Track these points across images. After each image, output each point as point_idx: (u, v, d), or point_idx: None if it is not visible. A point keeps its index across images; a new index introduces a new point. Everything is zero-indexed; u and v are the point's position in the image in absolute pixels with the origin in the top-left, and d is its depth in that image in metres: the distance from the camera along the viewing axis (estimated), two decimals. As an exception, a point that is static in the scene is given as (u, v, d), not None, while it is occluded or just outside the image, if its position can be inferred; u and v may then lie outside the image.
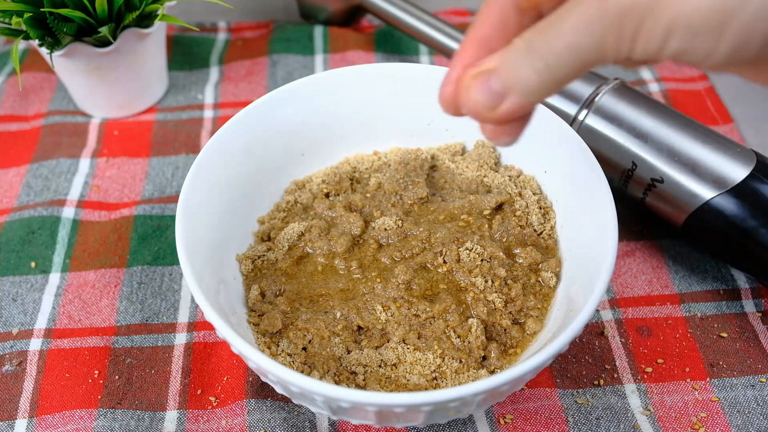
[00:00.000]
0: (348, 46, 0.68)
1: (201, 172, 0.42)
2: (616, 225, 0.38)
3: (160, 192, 0.56)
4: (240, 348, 0.34)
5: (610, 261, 0.36)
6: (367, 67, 0.48)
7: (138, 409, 0.43)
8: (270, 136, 0.47)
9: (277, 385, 0.37)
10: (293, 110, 0.48)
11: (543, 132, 0.45)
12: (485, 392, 0.33)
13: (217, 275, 0.42)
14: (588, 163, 0.42)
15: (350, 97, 0.49)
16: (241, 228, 0.47)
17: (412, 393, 0.32)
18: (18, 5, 0.51)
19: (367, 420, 0.36)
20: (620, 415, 0.42)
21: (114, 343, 0.46)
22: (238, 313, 0.42)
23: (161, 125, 0.61)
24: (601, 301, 0.46)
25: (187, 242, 0.39)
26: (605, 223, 0.39)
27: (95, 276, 0.50)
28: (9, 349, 0.46)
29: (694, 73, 0.65)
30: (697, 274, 0.49)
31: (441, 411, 0.35)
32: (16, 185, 0.57)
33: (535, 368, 0.34)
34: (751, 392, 0.43)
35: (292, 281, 0.44)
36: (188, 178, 0.41)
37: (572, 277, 0.42)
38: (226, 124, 0.45)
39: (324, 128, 0.49)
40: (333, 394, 0.33)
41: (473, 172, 0.48)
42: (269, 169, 0.48)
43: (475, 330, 0.40)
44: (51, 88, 0.65)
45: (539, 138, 0.46)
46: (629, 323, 0.47)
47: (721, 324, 0.47)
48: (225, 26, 0.71)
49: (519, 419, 0.42)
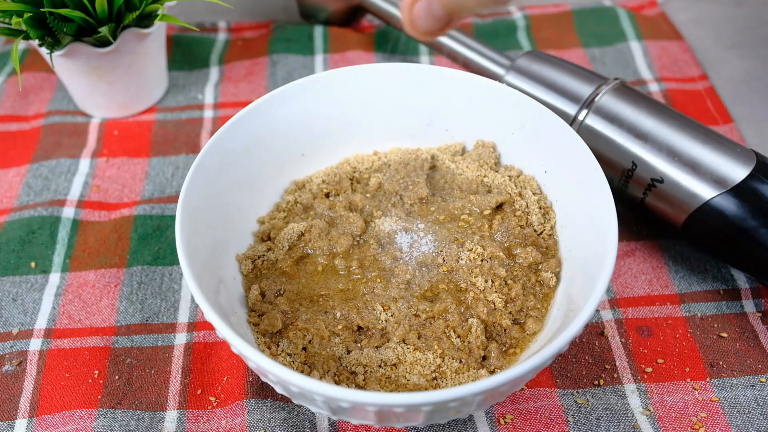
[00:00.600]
0: (348, 47, 0.68)
1: (201, 172, 0.42)
2: (616, 225, 0.38)
3: (160, 192, 0.56)
4: (240, 348, 0.34)
5: (611, 261, 0.36)
6: (367, 67, 0.48)
7: (138, 409, 0.43)
8: (270, 136, 0.47)
9: (277, 385, 0.37)
10: (293, 110, 0.48)
11: (543, 132, 0.45)
12: (485, 392, 0.33)
13: (216, 275, 0.42)
14: (588, 164, 0.42)
15: (350, 97, 0.49)
16: (241, 228, 0.47)
17: (412, 393, 0.32)
18: (18, 5, 0.51)
19: (367, 420, 0.36)
20: (620, 415, 0.42)
21: (114, 343, 0.46)
22: (238, 313, 0.42)
23: (161, 125, 0.61)
24: (601, 301, 0.46)
25: (187, 243, 0.39)
26: (605, 223, 0.39)
27: (95, 276, 0.50)
28: (9, 349, 0.46)
29: (694, 73, 0.65)
30: (697, 274, 0.49)
31: (441, 411, 0.35)
32: (16, 185, 0.57)
33: (535, 368, 0.34)
34: (751, 392, 0.43)
35: (292, 281, 0.44)
36: (188, 178, 0.41)
37: (572, 277, 0.42)
38: (226, 124, 0.45)
39: (324, 128, 0.49)
40: (333, 394, 0.33)
41: (473, 172, 0.48)
42: (269, 169, 0.48)
43: (475, 330, 0.40)
44: (51, 88, 0.65)
45: (539, 138, 0.46)
46: (629, 323, 0.47)
47: (721, 324, 0.47)
48: (225, 26, 0.71)
49: (519, 419, 0.42)
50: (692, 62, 0.66)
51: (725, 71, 0.66)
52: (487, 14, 0.73)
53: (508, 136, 0.48)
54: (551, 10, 0.73)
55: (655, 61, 0.66)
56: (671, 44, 0.68)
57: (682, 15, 0.72)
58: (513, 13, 0.72)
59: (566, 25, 0.71)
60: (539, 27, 0.71)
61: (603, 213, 0.39)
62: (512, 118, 0.47)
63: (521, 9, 0.73)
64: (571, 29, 0.70)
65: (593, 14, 0.72)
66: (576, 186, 0.43)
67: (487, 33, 0.70)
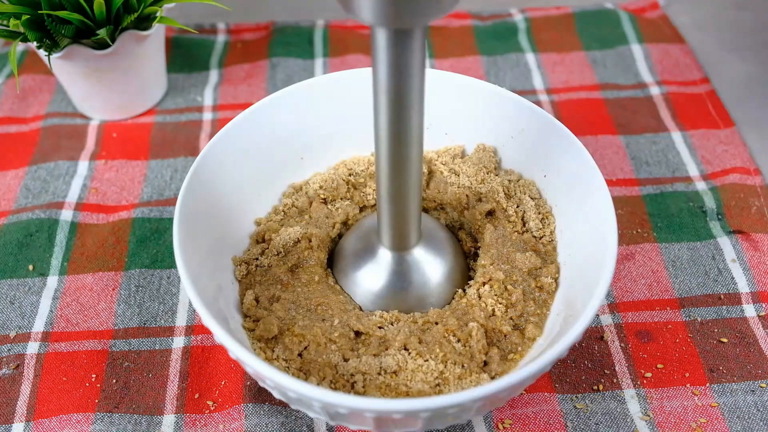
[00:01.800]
0: (348, 50, 0.68)
1: (199, 175, 0.42)
2: (615, 230, 0.38)
3: (158, 195, 0.56)
4: (238, 354, 0.34)
5: (610, 267, 0.36)
6: (366, 71, 0.48)
7: (135, 413, 0.43)
8: (269, 140, 0.47)
9: (274, 391, 0.37)
10: (292, 114, 0.47)
11: (543, 137, 0.45)
12: (484, 399, 0.33)
13: (214, 280, 0.42)
14: (587, 168, 0.41)
15: (349, 100, 0.48)
16: (239, 232, 0.46)
17: (410, 399, 0.32)
18: (16, 7, 0.51)
19: (366, 426, 0.36)
20: (619, 421, 0.42)
21: (111, 347, 0.46)
22: (235, 318, 0.42)
23: (160, 127, 0.61)
24: (600, 306, 0.46)
25: (184, 247, 0.38)
26: (605, 228, 0.38)
27: (93, 279, 0.50)
28: (6, 353, 0.46)
29: (695, 76, 0.64)
30: (696, 279, 0.49)
31: (440, 417, 0.35)
32: (15, 188, 0.56)
33: (535, 374, 0.33)
34: (751, 398, 0.43)
35: (287, 289, 0.44)
36: (186, 181, 0.41)
37: (572, 283, 0.42)
38: (226, 127, 0.44)
39: (323, 132, 0.49)
40: (331, 400, 0.32)
41: (471, 177, 0.48)
42: (268, 172, 0.48)
43: (475, 334, 0.40)
44: (50, 90, 0.65)
45: (539, 142, 0.46)
46: (629, 328, 0.47)
47: (721, 329, 0.46)
48: (224, 28, 0.71)
49: (517, 424, 0.42)
50: (694, 65, 0.66)
51: (727, 74, 0.65)
52: (488, 16, 0.72)
53: (507, 141, 0.48)
54: (552, 12, 0.73)
55: (657, 64, 0.66)
56: (673, 47, 0.68)
57: (684, 18, 0.72)
58: (514, 15, 0.72)
59: (567, 28, 0.71)
60: (540, 29, 0.71)
61: (602, 218, 0.39)
62: (512, 122, 0.47)
63: (522, 11, 0.73)
64: (572, 32, 0.70)
65: (594, 16, 0.72)
66: (575, 190, 0.43)
67: (488, 35, 0.70)
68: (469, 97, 0.48)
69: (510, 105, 0.46)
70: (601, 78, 0.65)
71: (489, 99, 0.47)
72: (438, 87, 0.48)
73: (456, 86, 0.48)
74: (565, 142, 0.43)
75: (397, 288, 0.43)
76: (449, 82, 0.48)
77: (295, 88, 0.47)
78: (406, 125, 0.34)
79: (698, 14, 0.72)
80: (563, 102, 0.63)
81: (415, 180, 0.37)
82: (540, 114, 0.45)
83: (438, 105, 0.48)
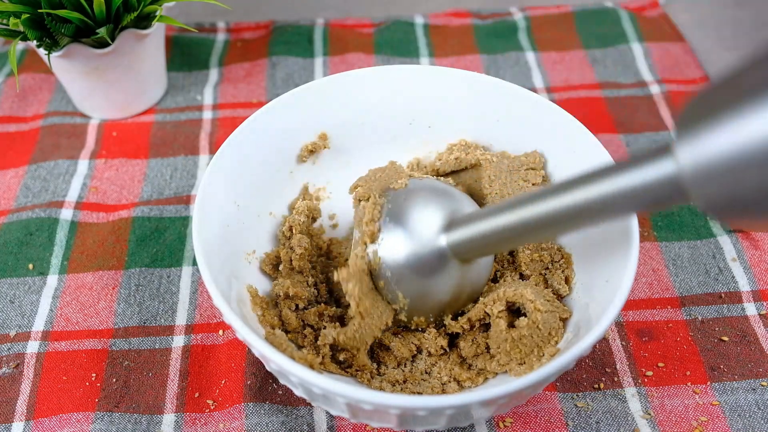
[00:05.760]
0: (348, 49, 0.68)
1: (219, 170, 0.42)
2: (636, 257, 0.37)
3: (158, 194, 0.56)
4: (262, 350, 0.34)
5: (627, 286, 0.36)
6: (412, 68, 0.48)
7: (135, 412, 0.43)
8: (288, 135, 0.47)
9: (297, 387, 0.37)
10: (308, 112, 0.47)
11: (533, 115, 0.45)
12: (507, 396, 0.33)
13: (232, 277, 0.41)
14: (587, 140, 0.42)
15: (346, 103, 0.48)
16: (257, 228, 0.46)
17: (435, 396, 0.32)
18: (16, 6, 0.51)
19: (388, 423, 0.36)
20: (620, 419, 0.42)
21: (111, 346, 0.46)
22: (250, 315, 0.42)
23: (160, 126, 0.61)
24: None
25: (204, 244, 0.38)
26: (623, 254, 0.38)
27: (93, 278, 0.50)
28: (6, 352, 0.46)
29: (695, 74, 0.64)
30: (697, 277, 0.49)
31: (463, 414, 0.35)
32: (15, 186, 0.56)
33: (554, 373, 0.33)
34: (752, 396, 0.43)
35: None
36: (206, 176, 0.41)
37: (587, 289, 0.41)
38: (246, 122, 0.44)
39: (344, 130, 0.49)
40: (358, 396, 0.32)
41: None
42: (285, 169, 0.47)
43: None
44: (49, 89, 0.65)
45: (528, 120, 0.46)
46: (630, 326, 0.47)
47: (721, 327, 0.46)
48: (224, 27, 0.71)
49: (518, 423, 0.42)
50: (694, 64, 0.66)
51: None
52: (488, 15, 0.72)
53: (493, 125, 0.47)
54: (552, 11, 0.73)
55: (657, 63, 0.66)
56: (673, 46, 0.68)
57: (684, 16, 0.72)
58: (514, 14, 0.72)
59: (567, 26, 0.71)
60: (540, 28, 0.70)
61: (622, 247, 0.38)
62: (497, 107, 0.46)
63: (522, 10, 0.73)
64: (572, 30, 0.70)
65: (595, 15, 0.72)
66: (579, 166, 0.42)
67: (488, 34, 0.70)
68: (449, 88, 0.47)
69: (493, 89, 0.46)
70: (601, 76, 0.65)
71: (469, 86, 0.47)
72: (417, 81, 0.47)
73: (435, 78, 0.47)
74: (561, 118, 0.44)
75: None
76: (428, 74, 0.47)
77: (319, 84, 0.47)
78: None
79: (698, 12, 0.72)
80: (563, 100, 0.63)
81: None
82: (525, 93, 0.45)
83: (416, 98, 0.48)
